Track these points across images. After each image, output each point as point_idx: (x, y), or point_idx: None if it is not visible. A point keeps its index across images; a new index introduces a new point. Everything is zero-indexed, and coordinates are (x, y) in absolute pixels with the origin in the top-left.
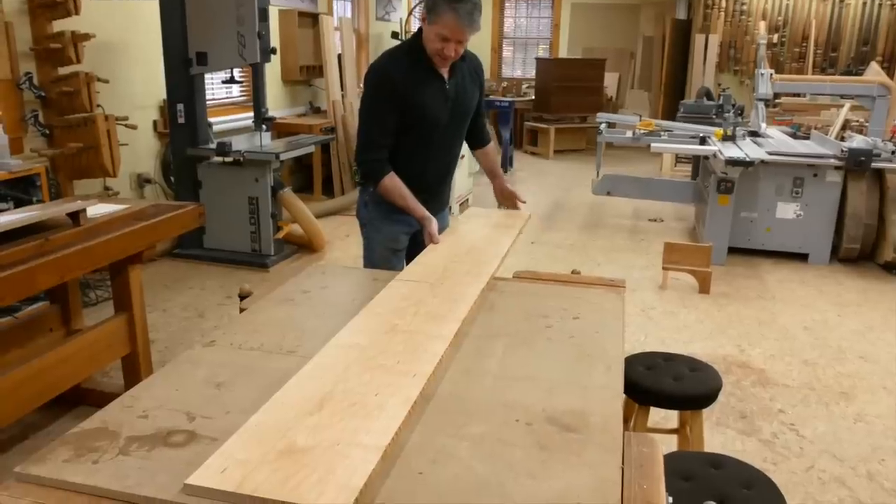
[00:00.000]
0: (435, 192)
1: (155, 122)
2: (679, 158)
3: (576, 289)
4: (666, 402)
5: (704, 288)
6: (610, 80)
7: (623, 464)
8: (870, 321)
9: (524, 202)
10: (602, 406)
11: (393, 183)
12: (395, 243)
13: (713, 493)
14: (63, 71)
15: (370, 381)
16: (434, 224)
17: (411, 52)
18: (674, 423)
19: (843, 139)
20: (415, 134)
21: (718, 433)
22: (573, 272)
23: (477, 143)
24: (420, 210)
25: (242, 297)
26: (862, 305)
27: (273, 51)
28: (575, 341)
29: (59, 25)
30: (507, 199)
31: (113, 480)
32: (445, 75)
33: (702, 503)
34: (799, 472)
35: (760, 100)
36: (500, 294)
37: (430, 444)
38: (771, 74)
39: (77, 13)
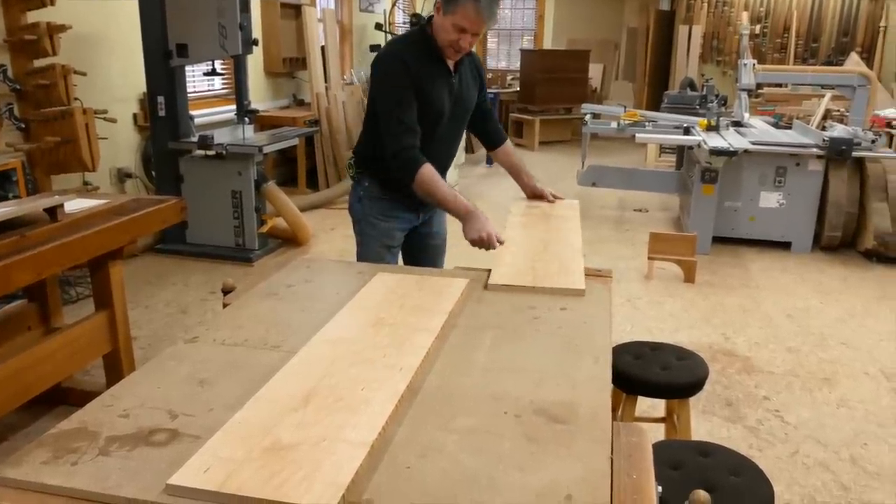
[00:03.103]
0: None
1: (135, 116)
2: (663, 149)
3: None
4: (653, 391)
5: (689, 277)
6: (594, 72)
7: (612, 454)
8: (851, 308)
9: (561, 198)
10: (590, 397)
11: (431, 175)
12: (390, 240)
13: (702, 481)
14: (39, 63)
15: (356, 376)
16: (493, 233)
17: (422, 41)
18: (661, 412)
19: (824, 129)
20: (422, 128)
21: (705, 421)
22: None
23: (494, 143)
24: (466, 206)
25: (226, 291)
26: (843, 293)
27: (255, 42)
28: (563, 332)
29: (34, 16)
30: (538, 199)
31: (92, 482)
32: (452, 69)
33: (690, 491)
34: (784, 458)
35: (743, 90)
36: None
37: (417, 438)
38: (753, 64)
39: (52, 3)
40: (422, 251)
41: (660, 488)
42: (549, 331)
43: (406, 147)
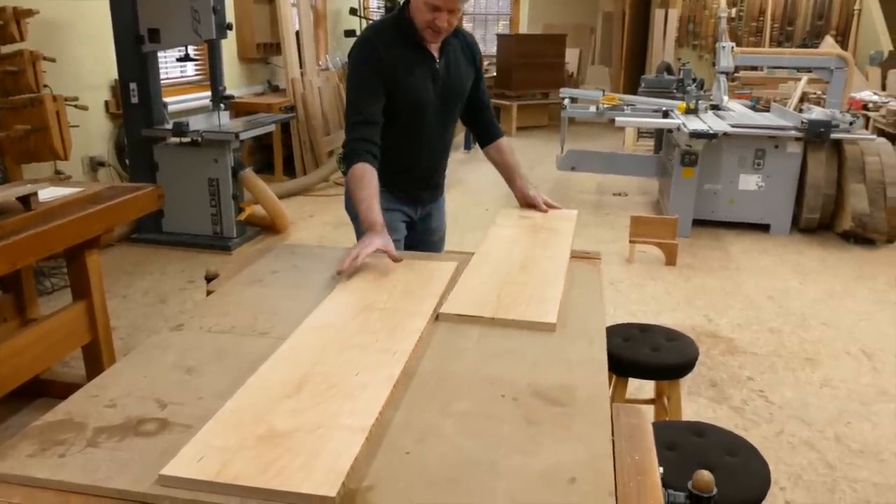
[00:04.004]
0: (429, 182)
1: (107, 103)
2: (641, 133)
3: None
4: (644, 372)
5: (671, 260)
6: (571, 56)
7: (613, 436)
8: (830, 289)
9: (557, 207)
10: (587, 379)
11: (361, 175)
12: (393, 232)
13: (698, 462)
14: (6, 49)
15: (349, 361)
16: (370, 248)
17: (398, 25)
18: (647, 394)
19: (801, 111)
20: (403, 119)
21: (691, 402)
22: None
23: (487, 138)
24: (371, 219)
25: (209, 279)
26: (822, 273)
27: (229, 26)
28: (558, 316)
29: None
30: (530, 208)
31: (82, 474)
32: (436, 53)
33: (688, 472)
34: (769, 437)
35: (722, 73)
36: None
37: (415, 423)
38: (732, 47)
39: None
40: (422, 247)
41: (661, 469)
42: None
43: (353, 139)
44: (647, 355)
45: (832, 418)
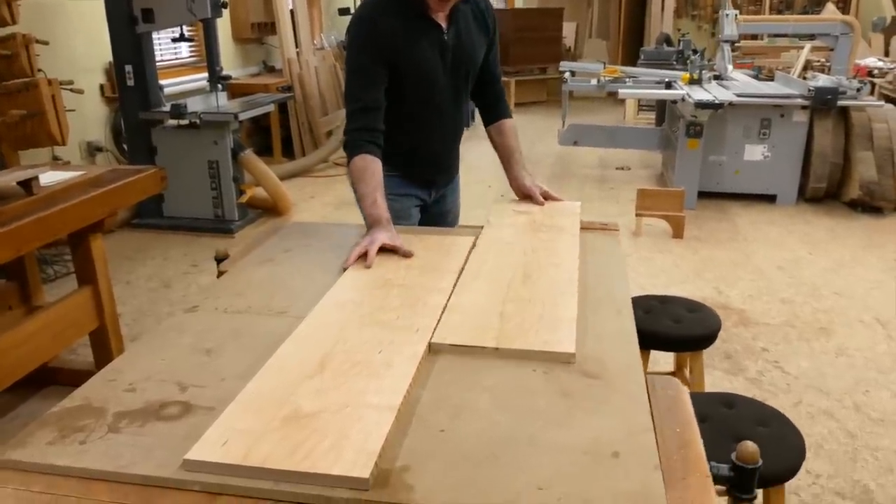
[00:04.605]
0: (442, 164)
1: (102, 87)
2: (642, 106)
3: None
4: (667, 344)
5: (678, 233)
6: (568, 30)
7: (651, 408)
8: (840, 258)
9: (557, 199)
10: (619, 351)
11: (363, 168)
12: (406, 219)
13: (731, 433)
14: None
15: (371, 339)
16: (377, 243)
17: None
18: (662, 366)
19: (805, 80)
20: (410, 98)
21: (706, 374)
22: None
23: (491, 116)
24: (376, 214)
25: (219, 259)
26: (831, 243)
27: (224, 5)
28: (580, 285)
29: None
30: (527, 199)
31: (105, 460)
32: (443, 23)
33: (722, 444)
34: (788, 408)
35: (726, 41)
36: None
37: (446, 400)
38: (735, 15)
39: None
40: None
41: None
42: None
43: (353, 129)
44: (669, 327)
45: (850, 387)
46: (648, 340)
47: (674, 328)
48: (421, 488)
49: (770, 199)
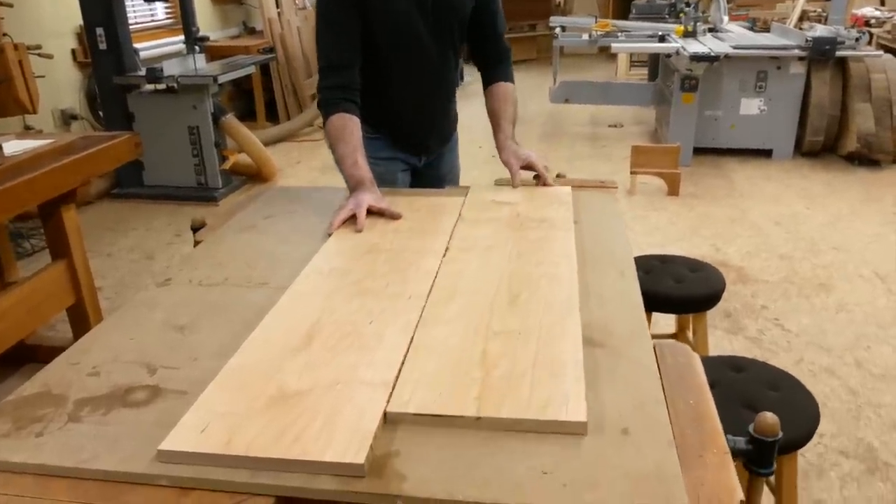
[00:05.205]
0: (430, 125)
1: (73, 51)
2: (634, 62)
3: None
4: (669, 305)
5: (673, 190)
6: None
7: (661, 378)
8: (837, 212)
9: (547, 182)
10: (624, 315)
11: (341, 127)
12: (392, 185)
13: (742, 399)
14: None
15: (360, 309)
16: (363, 206)
17: None
18: (662, 328)
19: (801, 30)
20: (389, 52)
21: None
22: (558, 175)
23: (486, 79)
24: (358, 175)
25: (196, 228)
26: (828, 197)
27: None
28: (579, 247)
29: None
30: (513, 175)
31: (64, 455)
32: None
33: (733, 411)
34: (789, 367)
35: None
36: None
37: None
38: None
39: None
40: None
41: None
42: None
43: (325, 87)
44: (672, 287)
45: (851, 343)
46: (650, 302)
47: (676, 289)
48: (414, 477)
49: (766, 153)
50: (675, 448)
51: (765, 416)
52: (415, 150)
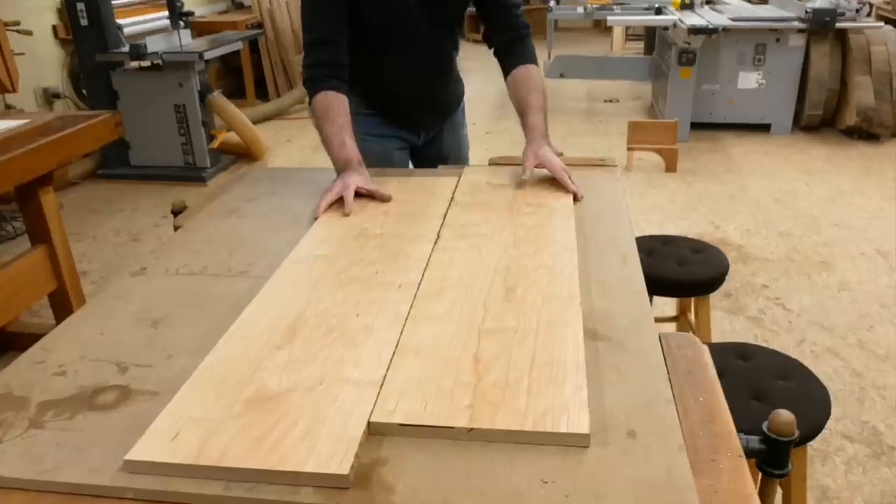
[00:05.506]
0: (425, 101)
1: (54, 27)
2: (630, 35)
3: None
4: (672, 289)
5: (671, 166)
6: None
7: (668, 373)
8: (838, 187)
9: (575, 193)
10: (627, 304)
11: (326, 106)
12: (388, 164)
13: (749, 389)
14: None
15: (347, 299)
16: (351, 188)
17: None
18: (660, 310)
19: (800, 1)
20: (376, 24)
21: None
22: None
23: (504, 64)
24: (345, 156)
25: (176, 212)
26: (828, 172)
27: None
28: (579, 231)
29: None
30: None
31: (23, 465)
32: None
33: (741, 402)
34: (791, 348)
35: None
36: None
37: None
38: None
39: None
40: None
41: None
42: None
43: (310, 64)
44: (675, 270)
45: (853, 323)
46: (652, 285)
47: (680, 272)
48: (403, 488)
49: (764, 128)
50: (686, 452)
51: (780, 415)
52: (411, 127)
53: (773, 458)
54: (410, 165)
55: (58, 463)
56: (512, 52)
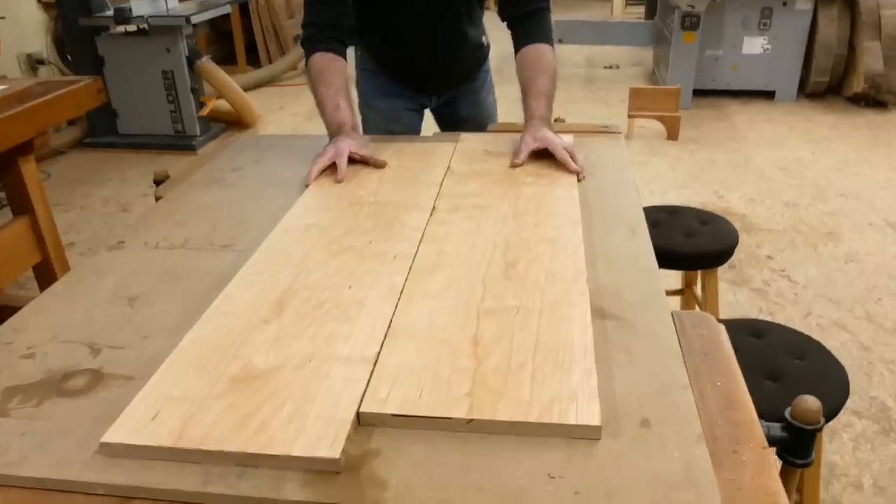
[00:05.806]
0: (440, 60)
1: None
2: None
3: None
4: (679, 262)
5: (673, 134)
6: None
7: (683, 356)
8: (844, 156)
9: (578, 173)
10: (637, 280)
11: (320, 68)
12: (396, 124)
13: (764, 369)
14: None
15: (339, 270)
16: (344, 153)
17: None
18: (666, 283)
19: None
20: None
21: None
22: (556, 120)
23: (515, 42)
24: (339, 120)
25: (158, 181)
26: (834, 141)
27: None
28: (583, 202)
29: None
30: (517, 153)
31: None
32: None
33: (755, 382)
34: (797, 321)
35: None
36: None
37: None
38: None
39: None
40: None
41: None
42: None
43: (308, 23)
44: (683, 243)
45: (861, 296)
46: (659, 258)
47: (688, 244)
48: (396, 483)
49: (769, 95)
50: (705, 443)
51: (805, 401)
52: (426, 88)
53: (797, 447)
54: (422, 127)
55: (22, 454)
56: (525, 27)
